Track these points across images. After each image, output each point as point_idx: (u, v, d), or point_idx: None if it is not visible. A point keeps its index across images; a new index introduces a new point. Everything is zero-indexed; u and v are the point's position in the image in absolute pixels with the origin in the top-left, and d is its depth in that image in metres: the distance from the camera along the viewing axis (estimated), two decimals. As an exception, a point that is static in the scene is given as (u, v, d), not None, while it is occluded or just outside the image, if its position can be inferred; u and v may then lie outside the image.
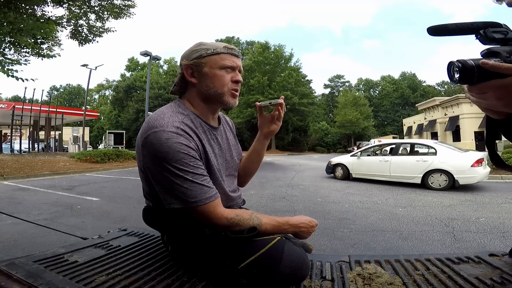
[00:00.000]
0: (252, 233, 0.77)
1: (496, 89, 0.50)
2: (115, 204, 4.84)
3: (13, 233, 3.02)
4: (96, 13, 8.61)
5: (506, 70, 0.48)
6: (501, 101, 0.51)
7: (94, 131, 50.99)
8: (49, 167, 10.30)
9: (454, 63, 0.51)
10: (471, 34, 0.58)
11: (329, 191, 6.19)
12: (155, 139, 0.74)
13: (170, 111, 0.82)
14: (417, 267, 0.84)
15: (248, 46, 49.21)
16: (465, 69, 0.50)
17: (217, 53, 0.86)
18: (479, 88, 0.52)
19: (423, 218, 3.77)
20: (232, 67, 0.88)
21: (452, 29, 0.58)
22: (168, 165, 0.73)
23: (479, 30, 0.56)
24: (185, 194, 0.74)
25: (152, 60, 16.71)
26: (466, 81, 0.51)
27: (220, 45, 0.88)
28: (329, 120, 50.58)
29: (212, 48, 0.86)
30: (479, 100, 0.54)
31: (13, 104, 17.75)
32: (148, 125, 0.78)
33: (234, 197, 0.96)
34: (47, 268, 0.80)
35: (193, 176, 0.75)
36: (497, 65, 0.49)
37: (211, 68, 0.85)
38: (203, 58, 0.86)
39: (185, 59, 0.89)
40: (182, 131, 0.77)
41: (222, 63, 0.86)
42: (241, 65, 0.91)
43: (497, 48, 0.54)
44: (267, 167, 13.07)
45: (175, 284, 0.78)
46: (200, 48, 0.87)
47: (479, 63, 0.49)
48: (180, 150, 0.74)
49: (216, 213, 0.77)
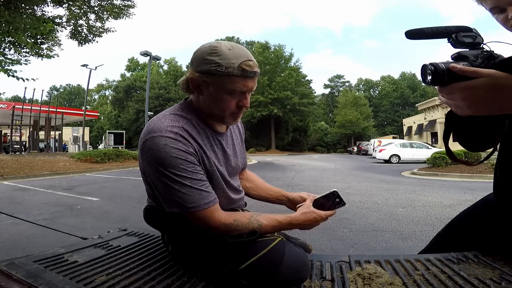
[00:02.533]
0: (251, 237, 0.77)
1: (462, 90, 0.54)
2: (115, 204, 4.84)
3: (13, 233, 3.02)
4: (96, 13, 8.61)
5: (471, 73, 0.52)
6: (466, 102, 0.55)
7: (94, 131, 51.03)
8: (49, 167, 10.30)
9: (427, 66, 0.55)
10: (444, 38, 0.61)
11: (329, 191, 6.19)
12: (153, 144, 0.73)
13: (172, 115, 0.80)
14: (417, 267, 0.84)
15: (248, 46, 49.23)
16: (437, 72, 0.54)
17: (228, 75, 0.74)
18: (448, 89, 0.56)
19: (423, 218, 3.77)
20: (242, 92, 0.78)
21: (428, 33, 0.62)
22: (166, 171, 0.72)
23: (452, 34, 0.60)
24: (183, 200, 0.74)
25: (152, 60, 16.71)
26: (437, 83, 0.55)
27: (236, 61, 0.74)
28: (329, 120, 50.61)
29: (225, 65, 0.73)
30: (448, 101, 0.58)
31: (13, 104, 17.76)
32: (148, 128, 0.77)
33: (237, 200, 0.95)
34: (47, 268, 0.80)
35: (191, 181, 0.74)
36: (464, 69, 0.53)
37: (217, 90, 0.77)
38: (211, 76, 0.75)
39: (193, 66, 0.79)
40: (180, 137, 0.75)
41: (231, 87, 0.76)
42: (254, 86, 0.80)
43: (465, 52, 0.58)
44: (267, 167, 13.08)
45: (175, 284, 0.78)
46: (211, 60, 0.74)
47: (449, 67, 0.53)
48: (177, 156, 0.73)
49: (214, 219, 0.76)
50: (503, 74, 0.52)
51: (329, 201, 0.89)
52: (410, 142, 18.45)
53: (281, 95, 32.82)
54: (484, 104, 0.54)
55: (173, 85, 40.95)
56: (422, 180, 8.29)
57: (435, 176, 9.18)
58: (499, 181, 0.83)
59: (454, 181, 8.06)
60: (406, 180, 8.34)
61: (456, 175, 8.88)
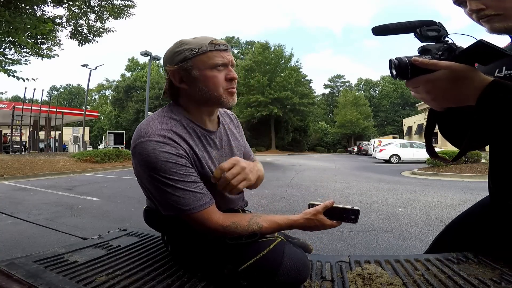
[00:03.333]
0: (251, 239, 0.76)
1: (425, 83, 0.55)
2: (115, 204, 4.84)
3: (13, 233, 3.02)
4: (96, 13, 8.61)
5: (432, 66, 0.53)
6: (429, 95, 0.56)
7: (94, 131, 51.01)
8: (49, 167, 10.30)
9: (392, 60, 0.56)
10: (410, 32, 0.62)
11: (329, 191, 6.20)
12: (142, 149, 0.72)
13: (161, 117, 0.79)
14: (417, 267, 0.84)
15: (248, 46, 49.22)
16: (400, 66, 0.55)
17: (203, 52, 0.77)
18: (412, 83, 0.57)
19: (423, 218, 3.77)
20: (224, 64, 0.79)
21: (393, 28, 0.62)
22: (158, 176, 0.72)
23: (416, 29, 0.61)
24: (178, 203, 0.73)
25: (152, 60, 16.71)
26: (402, 76, 0.56)
27: (205, 41, 0.78)
28: (329, 120, 50.58)
29: (196, 47, 0.77)
30: (415, 95, 0.59)
31: (13, 104, 17.77)
32: (137, 134, 0.76)
33: (235, 199, 0.94)
34: (47, 268, 0.80)
35: (184, 184, 0.73)
36: (425, 62, 0.54)
37: (200, 70, 0.78)
38: (189, 61, 0.77)
39: (168, 63, 0.80)
40: (169, 140, 0.74)
41: (211, 62, 0.78)
42: (232, 59, 0.82)
43: (429, 46, 0.59)
44: (267, 167, 13.07)
45: (175, 284, 0.77)
46: (182, 49, 0.78)
47: (411, 60, 0.54)
48: (167, 160, 0.72)
49: (211, 221, 0.75)
50: (461, 66, 0.53)
51: (344, 215, 0.85)
52: (410, 142, 18.45)
53: (281, 95, 32.79)
54: (446, 96, 0.55)
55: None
56: (422, 180, 8.29)
57: (435, 176, 9.19)
58: (493, 193, 0.82)
59: (454, 181, 8.07)
60: (406, 180, 8.34)
61: (456, 175, 8.88)
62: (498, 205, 0.80)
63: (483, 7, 0.61)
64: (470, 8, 0.63)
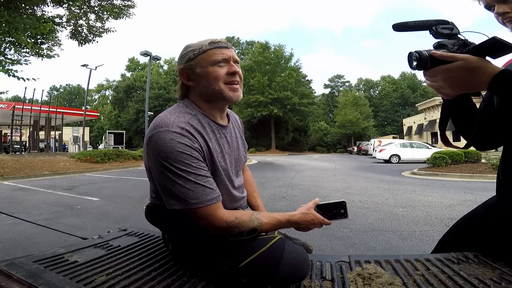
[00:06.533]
0: (251, 235, 0.77)
1: (443, 72, 0.64)
2: (115, 204, 4.84)
3: (13, 233, 3.02)
4: (96, 13, 8.62)
5: (449, 58, 0.63)
6: (446, 82, 0.65)
7: (94, 131, 51.03)
8: (49, 167, 10.30)
9: (413, 53, 0.65)
10: (426, 30, 0.70)
11: (329, 191, 6.20)
12: (159, 139, 0.74)
13: (178, 111, 0.83)
14: (417, 267, 0.84)
15: (248, 46, 49.23)
16: (421, 58, 0.64)
17: (204, 51, 0.84)
18: (431, 72, 0.66)
19: (423, 218, 3.77)
20: (224, 59, 0.85)
21: (411, 26, 0.70)
22: (170, 165, 0.73)
23: (432, 26, 0.69)
24: (186, 195, 0.74)
25: (152, 60, 16.72)
26: (421, 67, 0.65)
27: (205, 42, 0.86)
28: (329, 120, 50.56)
29: (197, 47, 0.85)
30: (431, 83, 0.68)
31: (13, 104, 17.75)
32: (154, 124, 0.79)
33: (239, 198, 0.94)
34: (47, 268, 0.80)
35: (195, 177, 0.75)
36: (444, 54, 0.63)
37: (202, 67, 0.84)
38: (192, 60, 0.85)
39: (178, 65, 0.90)
40: (186, 132, 0.76)
41: (212, 59, 0.84)
42: (234, 55, 0.88)
43: (444, 41, 0.68)
44: (267, 167, 13.08)
45: (175, 284, 0.78)
46: (187, 51, 0.87)
47: (431, 53, 0.64)
48: (183, 151, 0.74)
49: (216, 216, 0.76)
50: (475, 58, 0.62)
51: (333, 210, 0.90)
52: (410, 142, 18.44)
53: (281, 95, 32.79)
54: (461, 83, 0.64)
55: (173, 85, 40.91)
56: (422, 180, 8.29)
57: (435, 176, 9.18)
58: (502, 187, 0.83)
59: (454, 181, 8.06)
60: (406, 180, 8.33)
61: (456, 175, 8.88)
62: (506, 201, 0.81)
63: (508, 11, 0.71)
64: (497, 11, 0.72)
